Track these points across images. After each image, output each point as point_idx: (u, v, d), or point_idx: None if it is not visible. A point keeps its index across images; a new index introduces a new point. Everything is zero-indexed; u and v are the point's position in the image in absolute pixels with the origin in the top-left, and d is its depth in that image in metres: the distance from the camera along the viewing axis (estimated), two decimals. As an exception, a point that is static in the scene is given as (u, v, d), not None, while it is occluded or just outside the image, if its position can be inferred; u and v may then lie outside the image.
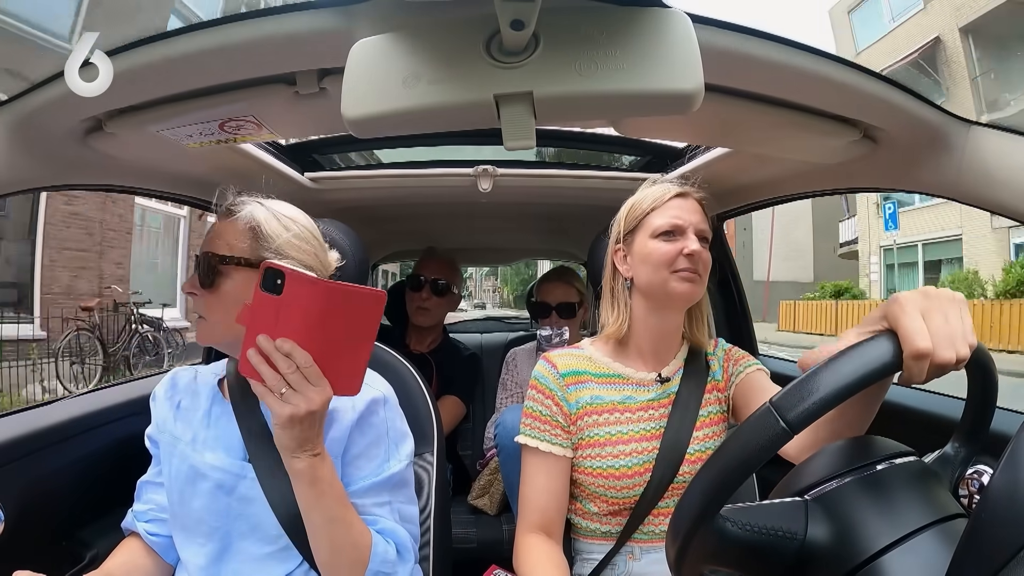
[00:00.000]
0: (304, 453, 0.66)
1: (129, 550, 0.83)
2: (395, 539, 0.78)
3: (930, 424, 1.03)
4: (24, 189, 0.88)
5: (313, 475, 0.68)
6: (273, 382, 0.63)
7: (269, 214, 0.79)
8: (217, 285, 0.76)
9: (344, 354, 0.65)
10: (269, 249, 0.77)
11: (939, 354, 0.47)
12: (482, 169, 1.46)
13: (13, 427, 0.92)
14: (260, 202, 0.81)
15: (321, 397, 0.63)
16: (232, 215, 0.78)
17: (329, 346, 0.64)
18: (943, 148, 0.82)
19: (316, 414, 0.64)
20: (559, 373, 0.93)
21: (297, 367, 0.62)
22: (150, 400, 0.88)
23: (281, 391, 0.63)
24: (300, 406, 0.62)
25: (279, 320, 0.63)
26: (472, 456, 1.93)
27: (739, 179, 1.33)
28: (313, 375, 0.63)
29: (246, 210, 0.79)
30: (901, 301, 0.50)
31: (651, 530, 0.89)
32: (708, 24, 0.63)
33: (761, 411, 0.45)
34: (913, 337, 0.47)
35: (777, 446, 0.44)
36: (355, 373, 0.66)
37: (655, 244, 0.89)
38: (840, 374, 0.44)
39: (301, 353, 0.62)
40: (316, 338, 0.63)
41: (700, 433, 0.90)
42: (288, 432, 0.65)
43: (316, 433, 0.66)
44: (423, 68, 0.52)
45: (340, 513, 0.71)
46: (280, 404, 0.63)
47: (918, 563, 0.42)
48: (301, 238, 0.80)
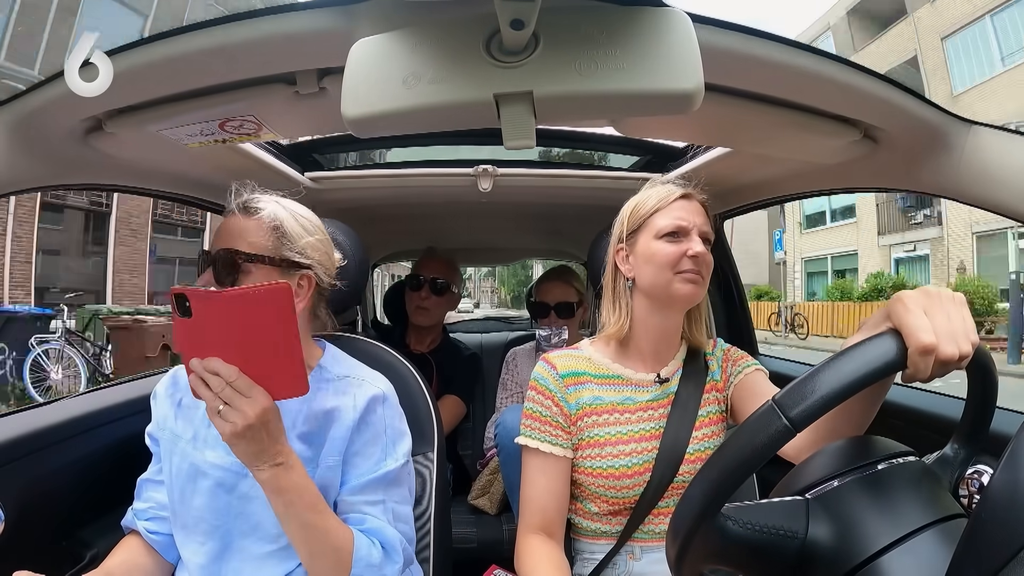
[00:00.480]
0: (263, 464, 0.67)
1: (129, 549, 0.83)
2: (382, 539, 0.77)
3: (930, 424, 1.03)
4: (24, 189, 0.88)
5: (277, 485, 0.68)
6: (211, 402, 0.64)
7: (289, 214, 0.81)
8: (238, 283, 0.76)
9: (272, 356, 0.65)
10: (292, 249, 0.79)
11: (943, 350, 0.48)
12: (482, 169, 1.45)
13: (13, 427, 0.92)
14: (278, 201, 0.82)
15: (254, 409, 0.63)
16: (255, 213, 0.79)
17: (253, 352, 0.64)
18: (943, 148, 0.82)
19: (255, 427, 0.64)
20: (558, 374, 0.93)
21: (226, 383, 0.63)
22: (151, 398, 0.88)
23: (219, 409, 0.63)
24: (237, 421, 0.63)
25: (201, 341, 0.64)
26: (472, 456, 1.93)
27: (739, 179, 1.32)
28: (243, 386, 0.63)
29: (269, 208, 0.79)
30: (905, 300, 0.51)
31: (651, 530, 0.89)
32: (708, 24, 0.63)
33: (764, 408, 0.45)
34: (918, 333, 0.48)
35: (780, 444, 0.44)
36: (292, 373, 0.65)
37: (659, 245, 0.89)
38: (844, 372, 0.44)
39: (226, 368, 0.63)
40: (236, 348, 0.64)
41: (699, 433, 0.90)
42: (237, 448, 0.66)
43: (269, 443, 0.66)
44: (423, 67, 0.52)
45: (313, 520, 0.71)
46: (220, 422, 0.64)
47: (918, 563, 0.42)
48: (317, 239, 0.82)
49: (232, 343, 0.64)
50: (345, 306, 1.03)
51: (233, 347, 0.64)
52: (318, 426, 0.78)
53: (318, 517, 0.71)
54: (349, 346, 0.95)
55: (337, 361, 0.87)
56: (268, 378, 0.65)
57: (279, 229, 0.78)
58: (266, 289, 0.63)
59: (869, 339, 0.48)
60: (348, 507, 0.78)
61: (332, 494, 0.79)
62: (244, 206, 0.80)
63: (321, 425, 0.78)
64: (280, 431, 0.68)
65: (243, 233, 0.77)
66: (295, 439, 0.78)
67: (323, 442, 0.78)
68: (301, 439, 0.78)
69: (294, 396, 0.67)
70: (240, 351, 0.64)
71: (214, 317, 0.63)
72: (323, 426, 0.78)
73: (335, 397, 0.80)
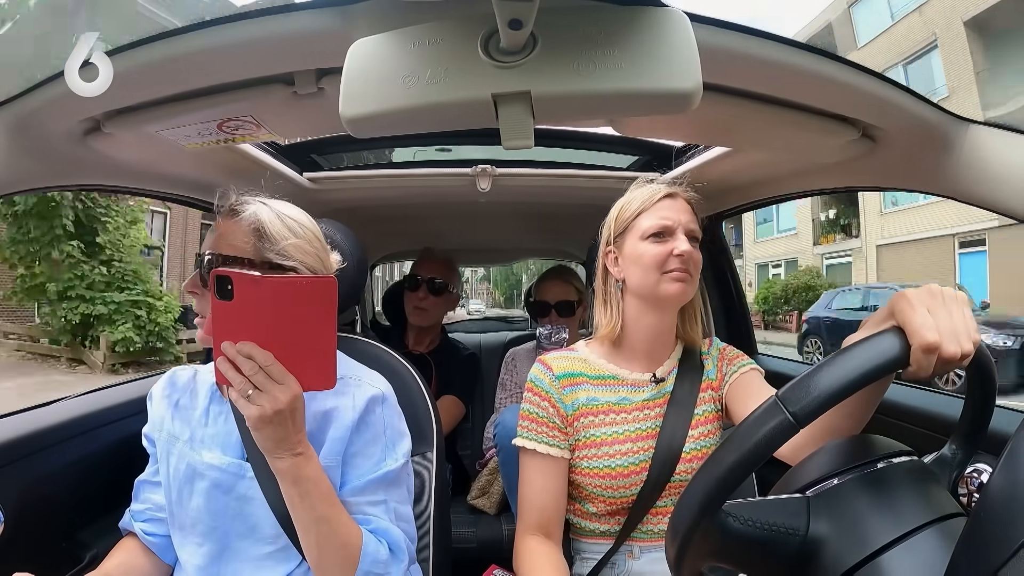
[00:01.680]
0: (284, 452, 0.67)
1: (127, 550, 0.83)
2: (388, 539, 0.77)
3: (930, 424, 1.03)
4: (24, 189, 0.88)
5: (296, 474, 0.68)
6: (240, 386, 0.63)
7: (273, 215, 0.79)
8: None
9: (308, 347, 0.65)
10: (272, 250, 0.77)
11: (946, 348, 0.48)
12: (481, 169, 1.45)
13: (13, 427, 0.92)
14: (264, 202, 0.81)
15: (286, 395, 0.64)
16: (236, 215, 0.78)
17: (290, 341, 0.65)
18: (942, 147, 0.82)
19: (284, 413, 0.64)
20: (555, 375, 0.93)
21: (260, 367, 0.63)
22: (147, 399, 0.88)
23: (248, 393, 0.63)
24: (266, 406, 0.63)
25: (237, 324, 0.64)
26: (471, 456, 1.93)
27: (738, 178, 1.32)
28: (277, 373, 0.64)
29: (250, 210, 0.79)
30: (909, 297, 0.51)
31: (649, 529, 0.89)
32: (706, 23, 0.63)
33: (768, 404, 0.45)
34: (922, 331, 0.48)
35: (783, 439, 0.44)
36: (325, 366, 0.66)
37: (645, 246, 0.89)
38: (848, 368, 0.45)
39: (261, 353, 0.63)
40: (275, 335, 0.64)
41: (695, 432, 0.90)
42: (261, 433, 0.65)
43: (293, 432, 0.66)
44: (421, 67, 0.52)
45: (326, 512, 0.70)
46: (248, 406, 0.63)
47: (918, 561, 0.42)
48: (305, 240, 0.81)
49: (270, 330, 0.64)
50: (343, 306, 1.03)
51: (270, 334, 0.64)
52: (317, 426, 0.78)
53: (331, 510, 0.71)
54: (348, 346, 0.95)
55: None
56: (300, 368, 0.65)
57: (260, 231, 0.77)
58: (312, 280, 0.65)
59: (873, 336, 0.48)
60: (349, 508, 0.78)
61: None
62: (229, 208, 0.80)
63: (320, 425, 0.78)
64: (303, 421, 0.68)
65: (225, 235, 0.78)
66: None
67: (321, 442, 0.78)
68: None
69: (322, 389, 0.68)
70: (276, 339, 0.64)
71: (256, 302, 0.63)
72: (322, 426, 0.78)
73: (334, 397, 0.80)
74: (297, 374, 0.65)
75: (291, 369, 0.65)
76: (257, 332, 0.64)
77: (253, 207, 0.79)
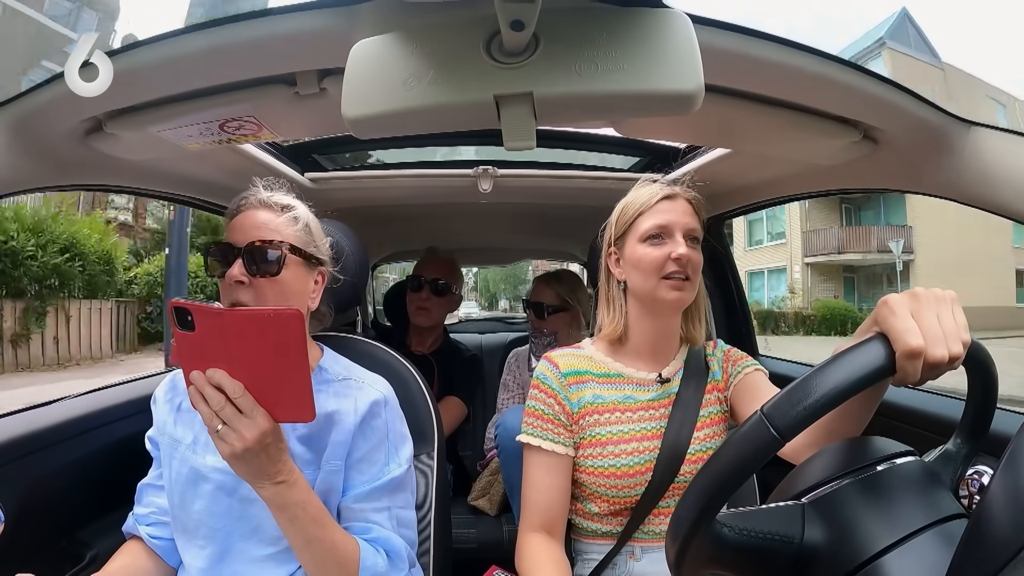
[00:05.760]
0: (264, 482, 0.66)
1: (130, 553, 0.83)
2: (387, 547, 0.78)
3: (930, 424, 1.03)
4: (24, 189, 0.88)
5: (280, 501, 0.67)
6: (208, 420, 0.62)
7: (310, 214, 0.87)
8: (281, 273, 0.79)
9: (279, 379, 0.62)
10: (314, 246, 0.85)
11: (932, 352, 0.47)
12: (482, 169, 1.45)
13: (13, 427, 0.92)
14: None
15: (252, 432, 0.61)
16: (288, 209, 0.83)
17: (259, 374, 0.62)
18: (943, 148, 0.82)
19: (253, 450, 0.62)
20: (561, 372, 0.93)
21: (228, 399, 0.61)
22: (151, 403, 0.88)
23: (217, 428, 0.62)
24: (235, 444, 0.61)
25: (204, 355, 0.62)
26: (472, 457, 1.93)
27: (739, 179, 1.32)
28: (246, 406, 0.62)
29: (301, 207, 0.85)
30: (890, 303, 0.50)
31: (652, 530, 0.89)
32: (708, 25, 0.63)
33: (752, 420, 0.45)
34: (904, 336, 0.47)
35: (768, 454, 0.44)
36: (300, 397, 0.63)
37: (644, 250, 0.89)
38: (830, 380, 0.44)
39: (231, 383, 0.61)
40: (241, 367, 0.62)
41: (701, 433, 0.90)
42: (235, 467, 0.64)
43: (268, 464, 0.65)
44: (423, 68, 0.52)
45: (317, 534, 0.70)
46: (218, 441, 0.62)
47: (917, 564, 0.42)
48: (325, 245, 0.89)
49: (236, 362, 0.62)
50: (345, 307, 1.03)
51: (236, 366, 0.62)
52: (319, 428, 0.78)
53: (323, 531, 0.71)
54: (349, 347, 0.95)
55: (337, 362, 0.87)
56: (272, 400, 0.63)
57: (308, 227, 0.84)
58: (276, 313, 0.60)
59: (856, 346, 0.47)
60: (353, 514, 0.78)
61: (335, 498, 0.79)
62: (271, 202, 0.83)
63: (322, 428, 0.78)
64: (281, 451, 0.66)
65: (279, 228, 0.81)
66: (295, 441, 0.77)
67: (324, 445, 0.78)
68: (301, 441, 0.78)
69: (299, 421, 0.65)
70: (244, 371, 0.62)
71: (219, 335, 0.61)
72: (324, 429, 0.78)
73: (336, 400, 0.80)
74: (269, 406, 0.63)
75: (263, 401, 0.62)
76: (223, 363, 0.62)
77: (298, 203, 0.85)
